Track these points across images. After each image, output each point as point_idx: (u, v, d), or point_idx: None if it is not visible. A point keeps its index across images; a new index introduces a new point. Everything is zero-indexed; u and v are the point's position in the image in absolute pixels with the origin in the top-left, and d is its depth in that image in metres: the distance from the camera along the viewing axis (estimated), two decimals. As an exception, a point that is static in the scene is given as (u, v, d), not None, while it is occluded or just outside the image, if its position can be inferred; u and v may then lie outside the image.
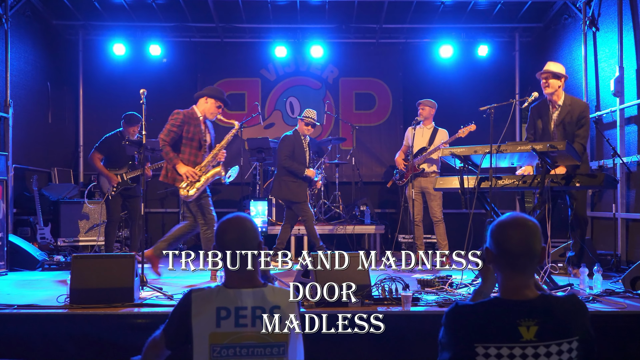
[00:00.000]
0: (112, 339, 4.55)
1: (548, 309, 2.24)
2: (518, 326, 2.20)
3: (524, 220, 2.33)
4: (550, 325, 2.21)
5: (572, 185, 5.45)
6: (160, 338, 2.61)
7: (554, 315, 2.23)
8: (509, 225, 2.33)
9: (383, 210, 10.63)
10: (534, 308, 2.24)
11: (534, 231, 2.31)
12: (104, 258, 5.22)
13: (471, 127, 7.63)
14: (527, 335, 2.19)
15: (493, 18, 10.06)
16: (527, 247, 2.29)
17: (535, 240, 2.30)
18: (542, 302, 2.26)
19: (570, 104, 6.32)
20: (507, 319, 2.22)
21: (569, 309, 2.26)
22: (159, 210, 10.61)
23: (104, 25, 10.32)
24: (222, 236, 2.60)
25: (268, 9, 9.83)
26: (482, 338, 2.21)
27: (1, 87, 8.36)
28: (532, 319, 2.20)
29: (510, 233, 2.31)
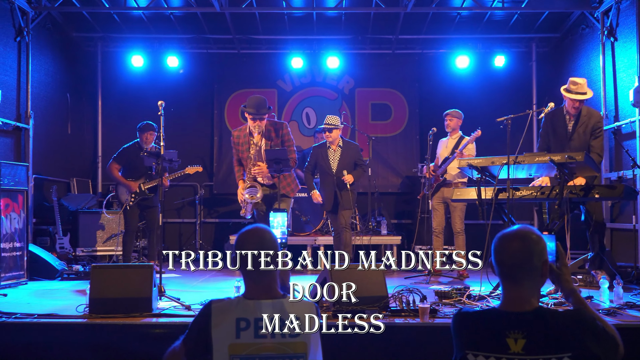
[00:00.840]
0: (130, 349, 4.58)
1: (540, 323, 2.23)
2: (506, 338, 2.21)
3: (524, 233, 2.33)
4: (539, 339, 2.20)
5: (591, 197, 5.42)
6: (179, 348, 2.62)
7: (545, 330, 2.22)
8: (507, 237, 2.34)
9: (399, 220, 10.60)
10: (525, 321, 2.24)
11: (532, 244, 2.31)
12: (122, 268, 5.25)
13: (477, 134, 7.52)
14: (515, 348, 2.20)
15: (510, 28, 10.04)
16: (522, 260, 2.29)
17: (532, 254, 2.30)
18: (535, 316, 2.26)
19: (587, 114, 6.27)
20: (497, 329, 2.24)
21: (565, 324, 2.23)
22: (176, 220, 10.66)
23: (123, 37, 10.43)
24: (241, 246, 2.61)
25: (284, 21, 9.89)
26: (473, 346, 2.26)
27: (22, 99, 8.48)
28: (520, 332, 2.21)
29: (507, 245, 2.33)
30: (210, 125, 10.79)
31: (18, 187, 6.98)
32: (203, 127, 10.83)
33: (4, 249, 6.63)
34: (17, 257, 6.91)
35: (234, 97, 10.79)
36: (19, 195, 7.04)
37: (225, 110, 10.77)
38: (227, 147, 10.61)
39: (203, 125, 10.83)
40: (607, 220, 8.28)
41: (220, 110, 10.76)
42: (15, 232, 6.90)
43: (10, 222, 6.81)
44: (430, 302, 5.05)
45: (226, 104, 10.80)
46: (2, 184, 6.64)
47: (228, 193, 10.44)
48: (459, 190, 6.38)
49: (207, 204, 10.60)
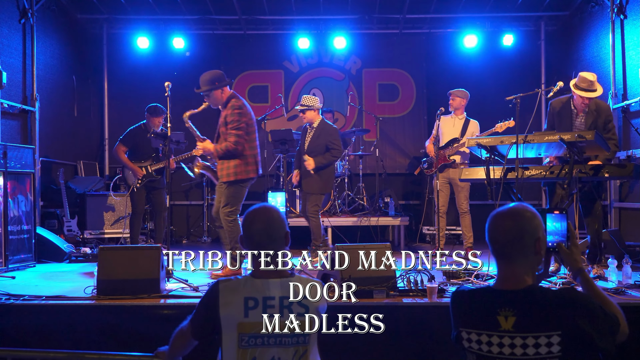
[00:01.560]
0: (138, 330, 4.59)
1: (530, 301, 2.23)
2: (497, 315, 2.23)
3: (517, 211, 2.32)
4: (529, 317, 2.21)
5: (601, 176, 5.36)
6: (187, 328, 2.62)
7: (535, 308, 2.22)
8: (500, 215, 2.34)
9: (407, 201, 10.58)
10: (516, 299, 2.25)
11: (524, 222, 2.30)
12: (130, 250, 5.25)
13: (510, 123, 7.38)
14: (505, 325, 2.22)
15: (518, 7, 9.93)
16: (513, 237, 2.28)
17: (524, 231, 2.28)
18: (526, 294, 2.26)
19: (596, 108, 6.02)
20: (489, 307, 2.26)
21: (556, 302, 2.21)
22: (183, 202, 10.67)
23: (128, 19, 10.38)
24: (249, 226, 2.60)
25: (290, 1, 9.81)
26: (466, 323, 2.31)
27: (28, 81, 8.46)
28: (511, 310, 2.23)
29: (499, 223, 2.33)
30: (217, 107, 10.75)
31: (25, 170, 6.99)
32: (209, 108, 10.75)
33: (12, 231, 6.65)
34: (25, 239, 6.93)
35: (240, 79, 10.74)
36: (26, 178, 7.04)
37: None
38: (233, 128, 10.58)
39: (209, 107, 10.76)
40: (616, 199, 8.24)
41: (226, 91, 10.70)
42: (23, 215, 6.92)
43: (17, 205, 6.82)
44: (438, 282, 5.04)
45: (232, 85, 10.71)
46: (9, 166, 6.64)
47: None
48: (467, 169, 6.34)
49: (214, 186, 10.58)
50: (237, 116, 6.15)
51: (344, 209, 9.14)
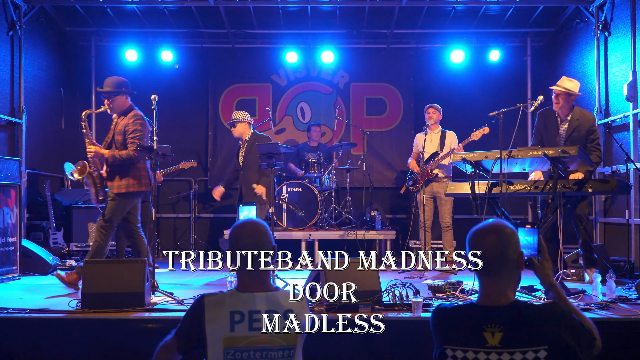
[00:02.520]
0: (123, 344, 4.58)
1: (516, 317, 2.25)
2: (483, 332, 2.24)
3: (497, 227, 2.36)
4: (516, 332, 2.22)
5: (585, 191, 5.41)
6: (171, 342, 2.62)
7: (521, 323, 2.24)
8: (482, 232, 2.36)
9: (394, 215, 10.60)
10: (502, 315, 2.26)
11: (506, 237, 2.33)
12: (115, 263, 5.25)
13: (484, 130, 7.59)
14: (492, 341, 2.22)
15: (505, 23, 10.03)
16: (497, 253, 2.31)
17: (508, 247, 2.32)
18: (511, 309, 2.28)
19: (579, 118, 6.26)
20: (474, 323, 2.26)
21: (541, 317, 2.25)
22: (170, 215, 10.64)
23: (117, 32, 10.38)
24: (237, 240, 2.62)
25: (279, 15, 9.86)
26: (451, 340, 2.29)
27: (15, 93, 8.45)
28: (497, 326, 2.23)
29: (481, 239, 2.34)
30: (205, 119, 10.77)
31: (11, 182, 6.97)
32: (197, 121, 10.80)
33: (-3, 243, 6.61)
34: (10, 252, 6.89)
35: (228, 92, 10.76)
36: (11, 190, 7.02)
37: (219, 105, 10.74)
38: (221, 141, 10.59)
39: (197, 120, 10.80)
40: (601, 214, 8.31)
41: (214, 105, 10.73)
42: (8, 227, 6.88)
43: (2, 217, 6.79)
44: (423, 296, 5.06)
45: (220, 98, 10.77)
46: (-5, 178, 6.62)
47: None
48: (452, 184, 6.38)
49: (202, 199, 10.59)
50: (140, 126, 6.11)
51: (330, 222, 9.16)
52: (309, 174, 9.13)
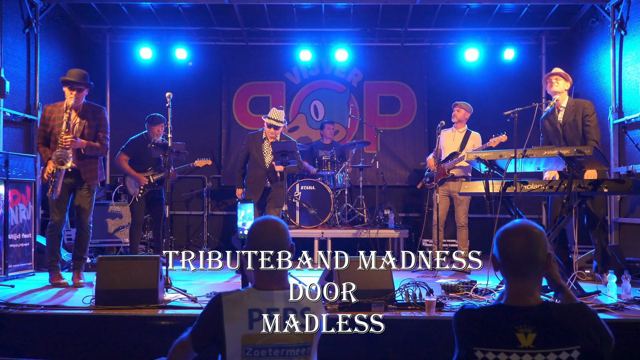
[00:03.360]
0: (136, 340, 4.60)
1: (548, 317, 2.24)
2: (516, 332, 2.21)
3: (527, 227, 2.34)
4: (549, 333, 2.21)
5: (600, 191, 5.37)
6: (187, 340, 2.63)
7: (553, 323, 2.22)
8: (511, 232, 2.35)
9: (407, 214, 10.58)
10: (534, 315, 2.25)
11: (536, 238, 2.32)
12: (129, 260, 5.26)
13: (502, 138, 7.50)
14: (525, 342, 2.20)
15: (519, 21, 9.98)
16: (528, 254, 2.30)
17: (538, 248, 2.31)
18: (543, 310, 2.27)
19: (574, 104, 6.30)
20: (506, 324, 2.24)
21: (571, 317, 2.25)
22: (184, 212, 10.68)
23: (131, 29, 10.43)
24: (258, 238, 2.63)
25: (293, 13, 9.86)
26: (481, 342, 2.25)
27: (31, 90, 8.51)
28: (530, 326, 2.22)
29: (512, 240, 2.33)
30: (218, 117, 10.79)
31: (26, 179, 7.02)
32: (211, 119, 10.83)
33: (12, 240, 6.66)
34: (25, 248, 6.94)
35: (242, 90, 10.78)
36: (26, 186, 7.07)
37: (233, 102, 10.76)
38: (235, 139, 10.61)
39: (211, 118, 10.83)
40: (615, 214, 8.25)
41: (228, 102, 10.75)
42: (23, 224, 6.93)
43: (18, 214, 6.84)
44: (437, 295, 5.04)
45: (234, 96, 10.79)
46: (10, 175, 6.66)
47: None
48: (467, 183, 6.36)
49: (215, 197, 10.61)
50: (107, 122, 6.49)
51: (343, 221, 9.15)
52: (322, 172, 9.12)
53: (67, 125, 6.17)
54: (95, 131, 6.33)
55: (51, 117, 6.28)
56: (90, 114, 6.36)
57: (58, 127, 6.16)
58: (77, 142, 6.15)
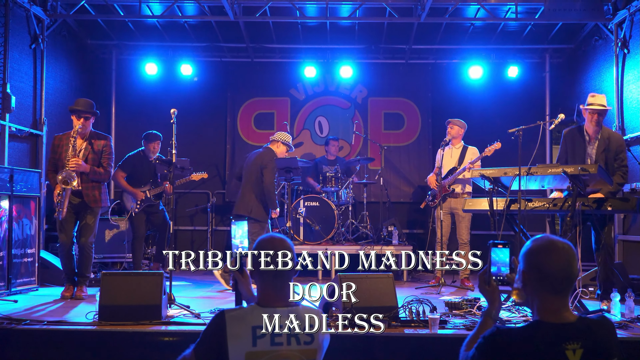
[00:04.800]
0: (139, 356, 4.59)
1: (589, 331, 2.23)
2: (565, 350, 2.17)
3: (562, 244, 2.32)
4: (593, 347, 2.20)
5: (604, 209, 5.37)
6: (190, 357, 2.62)
7: (594, 338, 2.22)
8: (551, 249, 2.30)
9: (411, 230, 10.56)
10: (577, 330, 2.22)
11: (573, 254, 2.31)
12: (132, 275, 5.28)
13: (496, 145, 7.56)
14: (573, 359, 2.17)
15: (523, 39, 10.01)
16: (569, 271, 2.28)
17: (575, 264, 2.30)
18: (582, 324, 2.25)
19: (609, 137, 6.12)
20: (553, 342, 2.19)
21: (607, 331, 2.26)
22: (188, 227, 10.68)
23: (137, 45, 10.50)
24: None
25: (298, 30, 9.92)
26: None
27: (37, 105, 8.55)
28: (576, 342, 2.19)
29: (554, 257, 2.28)
30: (224, 133, 10.82)
31: (30, 194, 7.05)
32: (216, 135, 10.86)
33: (16, 255, 6.68)
34: (29, 263, 6.95)
35: (246, 106, 10.82)
36: (31, 201, 7.10)
37: (238, 118, 10.80)
38: (239, 155, 10.63)
39: (216, 133, 10.86)
40: (619, 231, 8.22)
41: (233, 118, 10.79)
42: (27, 238, 6.95)
43: (22, 229, 6.86)
44: (440, 312, 5.03)
45: (239, 112, 10.83)
46: (15, 190, 6.70)
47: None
48: (471, 200, 6.36)
49: (219, 212, 10.61)
50: (112, 150, 6.78)
51: (347, 237, 9.14)
52: (327, 188, 9.13)
53: (74, 149, 6.43)
54: (99, 157, 6.61)
55: (60, 144, 6.57)
56: (95, 141, 6.66)
57: (65, 152, 6.44)
58: (82, 166, 6.42)
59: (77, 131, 6.46)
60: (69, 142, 6.44)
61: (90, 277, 6.67)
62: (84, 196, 6.49)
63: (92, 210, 6.56)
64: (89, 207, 6.54)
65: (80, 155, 6.48)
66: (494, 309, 2.66)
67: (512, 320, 5.10)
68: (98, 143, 6.63)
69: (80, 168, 6.39)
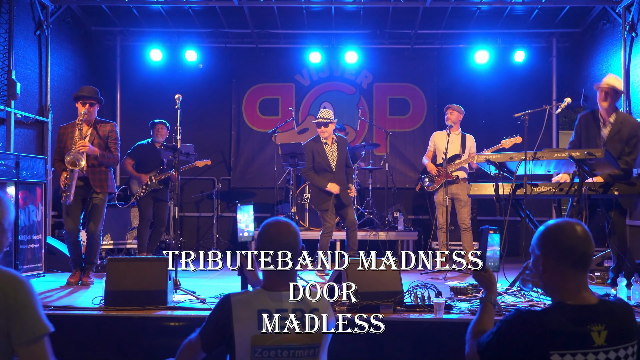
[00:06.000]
0: (145, 341, 4.61)
1: (612, 313, 2.22)
2: (590, 332, 2.16)
3: (576, 222, 2.32)
4: (617, 329, 2.19)
5: (610, 194, 5.35)
6: (196, 341, 2.64)
7: (618, 319, 2.21)
8: (565, 226, 2.30)
9: (416, 216, 10.56)
10: (600, 312, 2.21)
11: (587, 231, 2.30)
12: (138, 261, 5.30)
13: (516, 139, 7.42)
14: (599, 341, 2.17)
15: (530, 23, 9.94)
16: (587, 244, 2.26)
17: (590, 241, 2.29)
18: (604, 306, 2.24)
19: (622, 121, 6.05)
20: (579, 324, 2.18)
21: (627, 313, 2.26)
22: (194, 214, 10.70)
23: (142, 31, 10.47)
24: (272, 240, 2.63)
25: (303, 15, 9.87)
26: (558, 345, 2.16)
27: (42, 92, 8.55)
28: (601, 324, 2.18)
29: (570, 232, 2.27)
30: (228, 119, 10.81)
31: (36, 180, 7.07)
32: (221, 121, 10.85)
33: (22, 241, 6.71)
34: (35, 249, 6.99)
35: (251, 92, 10.80)
36: (37, 188, 7.12)
37: (243, 104, 10.78)
38: (244, 141, 10.63)
39: (221, 120, 10.85)
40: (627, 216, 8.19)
41: (238, 104, 10.77)
42: (34, 225, 6.98)
43: (28, 215, 6.88)
44: (445, 297, 5.03)
45: (244, 98, 10.80)
46: (21, 176, 6.71)
47: (245, 187, 10.52)
48: (476, 185, 6.34)
49: (225, 198, 10.62)
50: (117, 136, 6.74)
51: (353, 222, 9.13)
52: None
53: (80, 133, 6.41)
54: (105, 142, 6.58)
55: (65, 132, 6.56)
56: (100, 126, 6.65)
57: (70, 140, 6.41)
58: (91, 148, 6.36)
59: (82, 118, 6.45)
60: (74, 129, 6.43)
61: (97, 263, 6.68)
62: (90, 180, 6.48)
63: (98, 195, 6.55)
64: (95, 192, 6.52)
65: (87, 140, 6.46)
66: (492, 293, 2.67)
67: (518, 305, 5.09)
68: (104, 129, 6.62)
69: (89, 150, 6.33)
